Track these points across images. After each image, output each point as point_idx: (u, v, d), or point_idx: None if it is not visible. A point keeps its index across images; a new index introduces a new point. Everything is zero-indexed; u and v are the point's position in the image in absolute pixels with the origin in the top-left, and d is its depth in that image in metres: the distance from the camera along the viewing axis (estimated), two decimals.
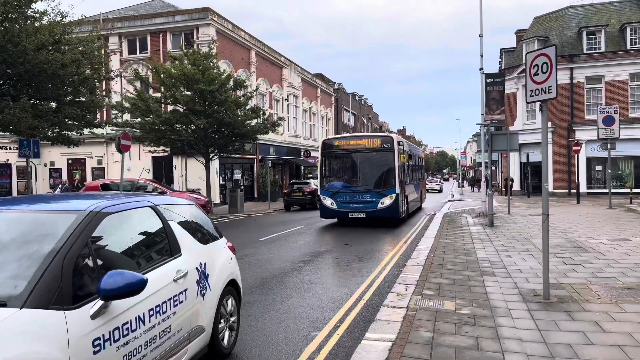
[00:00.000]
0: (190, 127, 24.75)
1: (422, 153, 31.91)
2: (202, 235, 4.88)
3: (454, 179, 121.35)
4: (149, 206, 4.06)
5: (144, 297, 3.39)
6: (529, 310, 6.39)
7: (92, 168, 35.60)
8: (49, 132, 12.81)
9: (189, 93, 23.92)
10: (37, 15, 13.31)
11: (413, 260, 10.18)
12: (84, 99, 13.43)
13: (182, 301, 3.95)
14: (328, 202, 18.25)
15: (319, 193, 18.63)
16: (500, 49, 43.42)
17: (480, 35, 20.52)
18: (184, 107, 24.17)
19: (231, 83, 24.91)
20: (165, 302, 3.69)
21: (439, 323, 5.89)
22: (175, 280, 3.90)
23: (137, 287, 3.02)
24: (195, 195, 23.07)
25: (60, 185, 26.37)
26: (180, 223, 4.43)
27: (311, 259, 11.18)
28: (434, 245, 12.29)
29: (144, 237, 3.93)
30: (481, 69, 20.66)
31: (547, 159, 7.34)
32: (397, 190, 17.67)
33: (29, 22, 12.12)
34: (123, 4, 40.01)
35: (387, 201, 17.48)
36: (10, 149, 34.75)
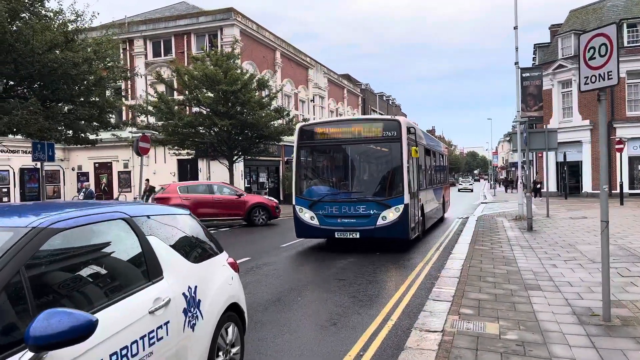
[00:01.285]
0: (213, 130, 24.22)
1: (445, 148, 23.85)
2: (195, 252, 4.07)
3: (484, 179, 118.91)
4: (122, 218, 3.27)
5: (104, 339, 2.60)
6: (587, 335, 5.39)
7: (119, 172, 35.54)
8: (61, 134, 12.27)
9: (211, 94, 23.39)
10: (51, 14, 12.85)
11: (447, 270, 9.21)
12: (97, 99, 12.86)
13: (161, 338, 3.14)
14: (306, 215, 12.33)
15: (293, 202, 12.75)
16: (534, 45, 41.79)
17: (515, 28, 19.37)
18: (207, 109, 23.66)
19: (254, 83, 24.27)
20: (136, 341, 2.89)
21: (482, 352, 4.95)
22: (152, 312, 3.10)
23: (81, 332, 2.22)
24: (269, 197, 22.49)
25: (83, 190, 26.09)
26: (164, 238, 3.62)
27: (333, 266, 10.36)
28: (469, 252, 11.28)
29: (110, 258, 3.13)
30: (516, 63, 19.50)
31: (606, 157, 6.39)
32: (406, 199, 11.83)
33: (38, 20, 11.63)
34: (148, 8, 39.86)
35: (390, 215, 11.73)
36: None
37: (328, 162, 13.70)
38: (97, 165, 36.73)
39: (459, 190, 63.03)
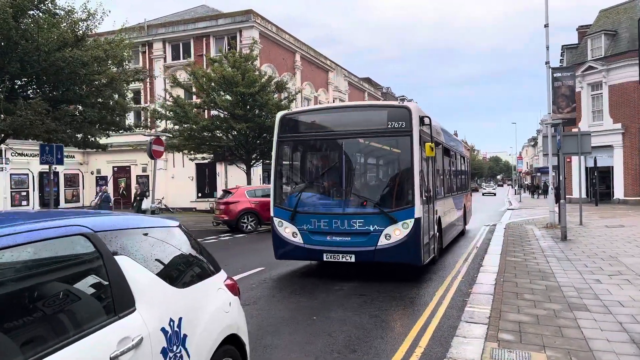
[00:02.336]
0: (231, 133, 23.63)
1: (467, 149, 20.66)
2: (182, 274, 3.34)
3: (508, 185, 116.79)
4: (82, 234, 2.54)
5: None
6: None
7: (137, 176, 35.28)
8: (69, 137, 11.72)
9: (229, 97, 22.83)
10: (62, 12, 12.36)
11: (479, 286, 8.34)
12: (105, 101, 12.28)
13: None
14: (287, 230, 9.58)
15: (271, 213, 9.98)
16: (562, 46, 40.42)
17: (546, 26, 18.40)
18: (224, 112, 23.10)
19: (273, 85, 23.63)
20: None
21: None
22: (114, 358, 2.36)
23: None
24: None
25: (100, 194, 25.75)
26: (141, 258, 2.89)
27: (349, 277, 9.55)
28: (502, 264, 10.38)
29: (55, 288, 2.39)
30: (547, 62, 18.52)
31: None
32: (418, 211, 8.91)
33: (46, 17, 11.13)
34: (169, 12, 39.70)
35: (397, 232, 8.87)
36: None
37: (317, 161, 10.71)
38: (115, 169, 36.55)
39: (482, 194, 65.76)
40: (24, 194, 32.96)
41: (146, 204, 19.58)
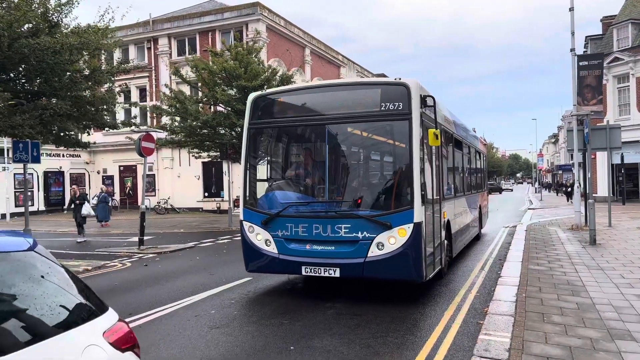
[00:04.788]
0: (235, 130, 22.44)
1: (483, 143, 18.46)
2: (25, 324, 2.09)
3: (528, 183, 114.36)
4: None
5: None
6: None
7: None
8: (39, 133, 10.57)
9: (232, 92, 21.65)
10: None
11: (497, 303, 7.00)
12: (79, 93, 11.07)
13: None
14: (258, 237, 7.98)
15: (240, 217, 8.36)
16: (586, 37, 38.55)
17: (571, 9, 16.89)
18: (226, 107, 21.92)
19: (277, 79, 22.39)
20: None
21: None
22: None
23: None
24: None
25: (98, 194, 24.80)
26: None
27: (338, 291, 8.28)
28: (523, 274, 9.00)
29: None
30: (572, 49, 17.00)
31: None
32: (418, 214, 7.18)
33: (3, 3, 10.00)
34: (177, 8, 38.80)
35: (391, 241, 7.18)
36: (63, 156, 34.18)
37: (294, 152, 9.12)
38: (122, 168, 35.75)
39: (500, 191, 66.63)
40: (29, 194, 32.21)
41: (86, 209, 17.11)
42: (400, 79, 7.58)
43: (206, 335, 6.13)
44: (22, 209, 31.08)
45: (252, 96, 8.55)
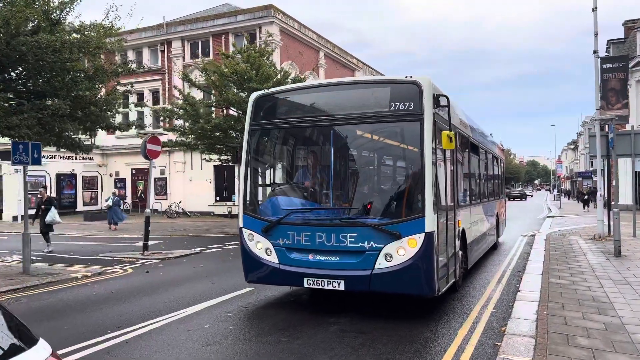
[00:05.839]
0: None
1: (500, 149, 17.85)
2: None
3: (546, 190, 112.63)
4: None
5: None
6: None
7: (155, 178, 34.09)
8: (34, 133, 10.17)
9: (243, 95, 21.28)
10: None
11: (515, 322, 6.40)
12: (81, 94, 10.67)
13: None
14: (258, 246, 7.50)
15: (240, 223, 7.97)
16: (608, 41, 37.58)
17: (594, 10, 16.18)
18: (238, 111, 21.56)
19: (289, 82, 21.96)
20: None
21: None
22: None
23: None
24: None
25: (111, 197, 24.62)
26: None
27: (342, 303, 7.73)
28: (544, 288, 8.37)
29: None
30: (595, 51, 16.28)
31: None
32: (430, 223, 6.60)
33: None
34: (192, 11, 38.68)
35: (400, 252, 6.61)
36: (76, 159, 34.13)
37: (299, 154, 8.58)
38: (134, 171, 35.60)
39: (508, 198, 67.00)
40: (40, 196, 32.16)
41: (51, 215, 15.23)
42: (411, 76, 7.00)
43: (196, 353, 5.63)
44: (34, 211, 31.05)
45: (254, 95, 8.07)
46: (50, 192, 32.94)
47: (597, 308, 7.04)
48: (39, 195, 16.18)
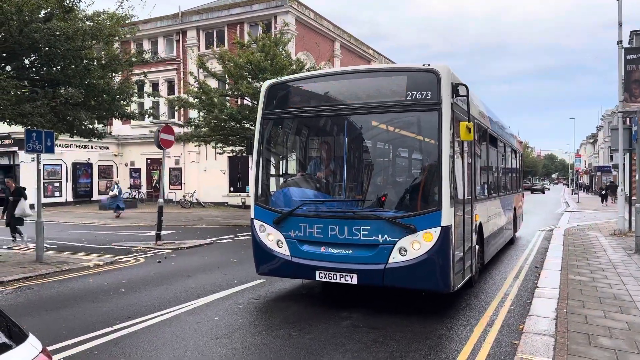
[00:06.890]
0: None
1: (519, 141, 17.44)
2: None
3: (564, 184, 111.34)
4: None
5: None
6: None
7: (170, 168, 34.19)
8: (47, 121, 10.10)
9: (258, 85, 21.11)
10: None
11: (534, 320, 6.18)
12: (95, 82, 10.56)
13: None
14: (270, 238, 7.31)
15: (251, 214, 7.65)
16: (631, 32, 36.51)
17: None
18: (253, 101, 21.41)
19: (304, 72, 21.74)
20: None
21: None
22: None
23: None
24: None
25: (113, 187, 24.95)
26: None
27: (353, 296, 7.56)
28: (563, 285, 8.13)
29: None
30: (619, 42, 15.82)
31: None
32: (446, 217, 6.36)
33: None
34: (206, 0, 38.61)
35: (415, 246, 6.37)
36: (92, 148, 34.32)
37: (312, 145, 8.34)
38: (149, 161, 35.71)
39: (531, 192, 68.17)
40: (57, 184, 32.51)
41: (21, 208, 13.55)
42: (429, 64, 6.74)
43: (204, 346, 5.51)
44: (50, 199, 31.40)
45: (266, 83, 7.83)
46: (67, 181, 33.26)
47: (619, 306, 6.80)
48: (7, 185, 14.53)
